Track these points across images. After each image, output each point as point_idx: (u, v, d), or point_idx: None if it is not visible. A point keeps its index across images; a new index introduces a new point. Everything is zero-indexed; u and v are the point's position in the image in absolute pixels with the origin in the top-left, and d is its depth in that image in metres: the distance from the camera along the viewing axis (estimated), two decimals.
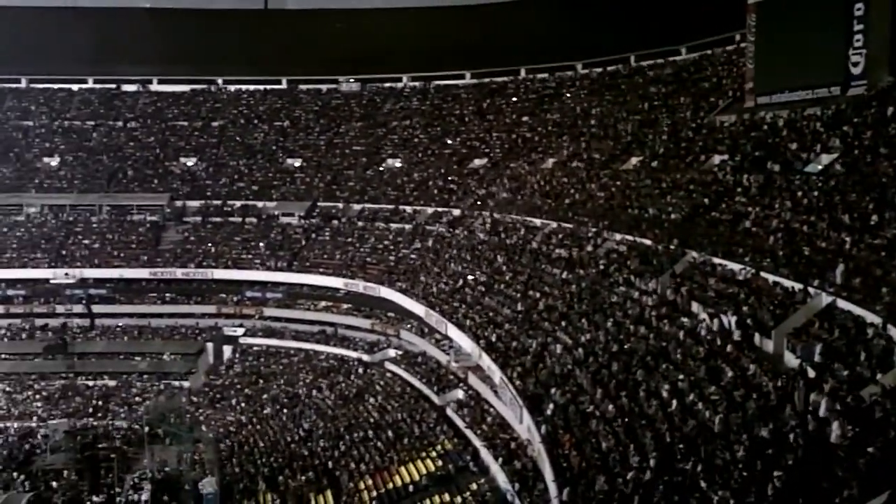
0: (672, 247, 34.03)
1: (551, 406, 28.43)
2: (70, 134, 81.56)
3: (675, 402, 23.27)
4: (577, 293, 36.13)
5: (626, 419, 24.41)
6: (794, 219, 29.23)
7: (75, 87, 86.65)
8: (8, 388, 59.20)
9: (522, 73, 76.54)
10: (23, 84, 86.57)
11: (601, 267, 37.08)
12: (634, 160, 48.69)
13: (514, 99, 74.28)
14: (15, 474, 45.58)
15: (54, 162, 78.28)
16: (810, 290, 24.36)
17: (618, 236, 39.31)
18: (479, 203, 59.73)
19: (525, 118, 69.63)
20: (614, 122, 57.11)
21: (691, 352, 25.57)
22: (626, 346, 28.65)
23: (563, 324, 34.28)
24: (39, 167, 77.87)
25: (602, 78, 68.35)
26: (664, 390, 24.30)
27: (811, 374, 20.56)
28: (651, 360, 26.59)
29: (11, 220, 71.94)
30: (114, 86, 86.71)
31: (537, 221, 48.99)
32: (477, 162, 67.53)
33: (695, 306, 28.76)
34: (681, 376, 24.37)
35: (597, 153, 53.49)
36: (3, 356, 63.17)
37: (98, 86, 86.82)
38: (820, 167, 32.33)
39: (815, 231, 27.43)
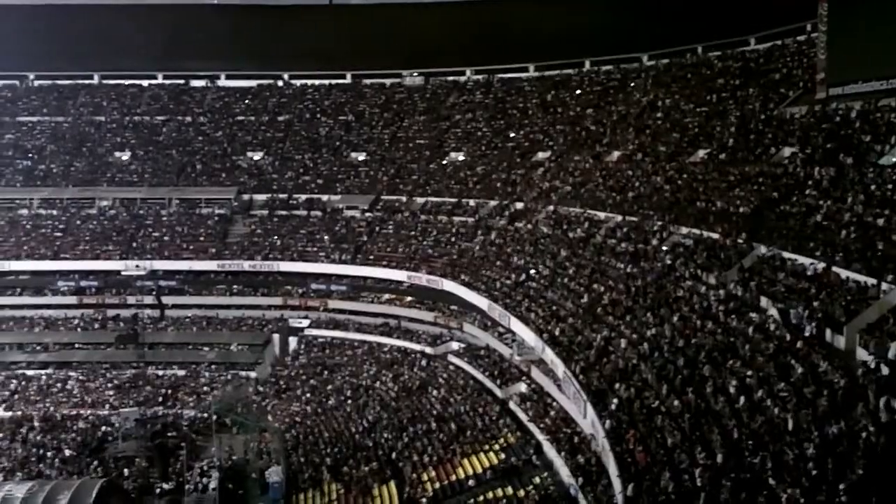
0: (740, 241, 33.50)
1: (615, 401, 28.24)
2: (141, 129, 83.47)
3: (742, 399, 22.95)
4: (642, 287, 35.78)
5: (693, 415, 24.14)
6: (867, 212, 28.56)
7: (145, 82, 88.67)
8: (81, 377, 60.75)
9: (587, 65, 75.94)
10: (95, 80, 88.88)
11: (667, 261, 36.66)
12: (701, 153, 48.04)
13: (579, 91, 73.68)
14: (88, 460, 46.91)
15: (126, 156, 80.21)
16: (884, 285, 23.77)
17: (684, 230, 38.83)
18: (542, 196, 59.47)
19: (589, 111, 69.02)
20: (681, 115, 56.35)
21: (760, 347, 25.17)
22: (692, 342, 28.30)
23: (628, 318, 33.99)
24: (111, 161, 79.86)
25: (668, 69, 67.34)
26: (732, 386, 23.96)
27: (885, 371, 20.08)
28: (718, 355, 26.24)
29: (85, 214, 73.90)
30: (182, 81, 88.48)
31: (601, 215, 48.62)
32: (540, 155, 67.21)
33: (764, 301, 28.26)
34: (749, 372, 24.00)
35: (663, 146, 52.82)
36: (76, 346, 64.84)
37: (167, 81, 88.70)
38: (894, 159, 31.49)
39: (888, 225, 26.77)
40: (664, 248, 38.42)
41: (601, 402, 29.09)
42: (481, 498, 34.24)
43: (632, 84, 69.15)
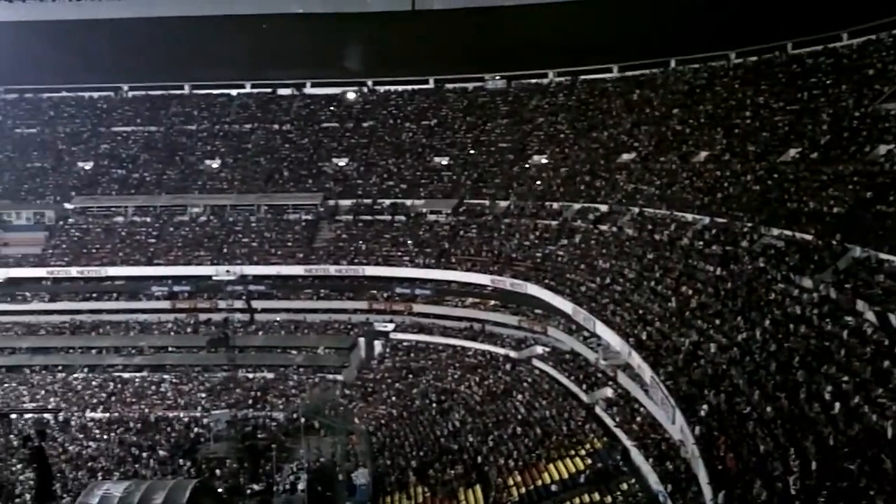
0: (834, 242, 32.47)
1: (705, 407, 27.70)
2: (230, 137, 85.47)
3: (838, 405, 22.25)
4: (731, 290, 35.02)
5: (786, 422, 23.50)
6: None
7: (234, 92, 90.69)
8: (175, 380, 62.48)
9: (672, 63, 74.62)
10: (186, 90, 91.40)
11: (758, 263, 35.78)
12: (793, 152, 46.79)
13: (664, 91, 72.53)
14: (181, 461, 48.12)
15: (215, 164, 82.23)
16: None
17: (775, 231, 37.88)
18: (627, 198, 58.72)
19: (675, 110, 67.79)
20: (770, 113, 54.97)
21: (856, 352, 24.37)
22: (785, 346, 27.56)
23: (718, 322, 33.32)
24: (202, 169, 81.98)
25: (757, 67, 65.60)
26: (827, 392, 23.27)
27: None
28: (812, 360, 25.51)
29: (177, 220, 76.01)
30: (270, 90, 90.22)
31: (689, 216, 47.78)
32: (625, 156, 66.32)
33: (860, 304, 27.35)
34: (845, 378, 23.28)
35: (752, 145, 51.63)
36: (170, 349, 66.78)
37: (255, 90, 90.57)
38: None
39: None
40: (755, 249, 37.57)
41: (690, 407, 28.59)
42: None
43: (719, 83, 67.69)
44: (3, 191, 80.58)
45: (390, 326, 65.26)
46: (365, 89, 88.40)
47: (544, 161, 73.04)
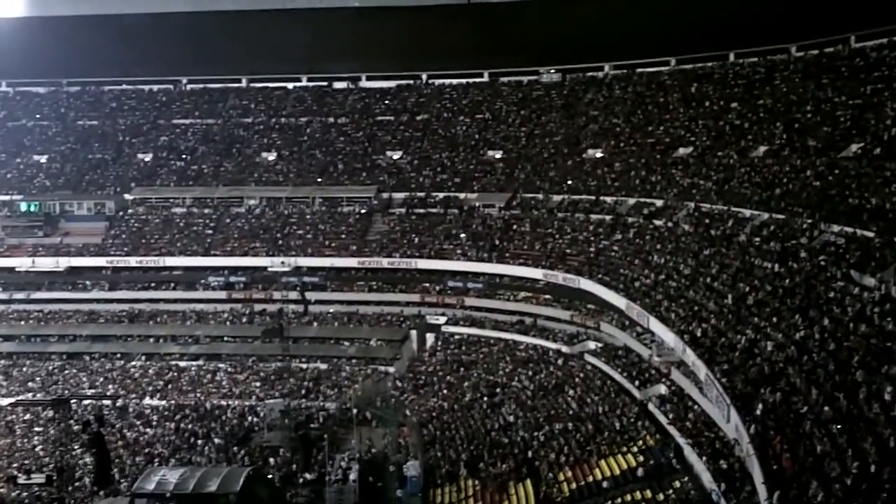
0: None
1: (761, 405, 27.27)
2: (286, 130, 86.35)
3: None
4: (789, 288, 34.37)
5: (844, 422, 23.03)
6: None
7: (290, 85, 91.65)
8: (230, 369, 63.43)
9: (731, 57, 73.42)
10: (243, 84, 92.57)
11: (817, 260, 35.09)
12: (854, 147, 45.82)
13: (722, 85, 71.41)
14: (236, 449, 48.86)
15: (272, 157, 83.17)
16: None
17: (835, 228, 37.08)
18: (683, 193, 58.01)
19: (734, 104, 66.74)
20: (832, 108, 53.86)
21: None
22: (844, 345, 26.99)
23: (775, 320, 32.73)
24: (258, 162, 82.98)
25: (819, 61, 64.29)
26: (888, 393, 22.73)
27: None
28: (872, 360, 24.93)
29: (233, 212, 77.10)
30: (325, 83, 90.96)
31: (746, 212, 47.03)
32: (681, 151, 65.55)
33: None
34: None
35: (812, 140, 50.67)
36: (225, 339, 67.77)
37: (311, 84, 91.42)
38: None
39: None
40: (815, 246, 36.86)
41: (746, 406, 28.16)
42: (619, 500, 33.68)
43: (779, 76, 66.49)
44: (65, 182, 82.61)
45: (442, 319, 65.34)
46: (418, 82, 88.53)
47: (599, 155, 72.44)
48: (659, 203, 59.32)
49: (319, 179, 79.32)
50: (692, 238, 49.35)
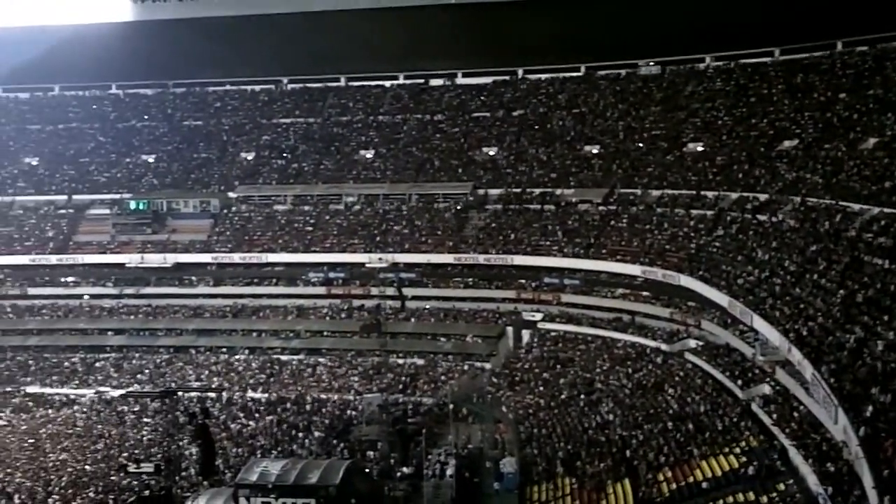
0: None
1: (871, 407, 26.24)
2: (383, 128, 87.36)
3: None
4: None
5: None
6: None
7: (387, 83, 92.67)
8: (329, 363, 64.57)
9: (839, 46, 70.77)
10: (342, 82, 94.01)
11: None
12: None
13: (829, 75, 68.90)
14: (335, 442, 49.63)
15: (369, 154, 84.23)
16: None
17: None
18: (788, 187, 56.23)
19: (842, 95, 64.41)
20: None
21: None
22: None
23: (886, 318, 31.43)
24: (356, 159, 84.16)
25: None
26: None
27: None
28: None
29: (333, 209, 78.39)
30: (422, 81, 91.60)
31: (856, 207, 45.28)
32: (786, 143, 63.57)
33: None
34: None
35: None
36: (325, 333, 68.97)
37: (408, 81, 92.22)
38: None
39: None
40: None
41: (855, 407, 27.15)
42: (720, 502, 32.92)
43: (890, 65, 63.73)
44: (172, 180, 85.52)
45: (538, 316, 65.02)
46: (514, 78, 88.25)
47: (700, 149, 70.95)
48: (763, 198, 57.65)
49: (416, 176, 79.83)
50: (798, 234, 47.81)
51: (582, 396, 51.69)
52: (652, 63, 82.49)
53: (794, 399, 37.63)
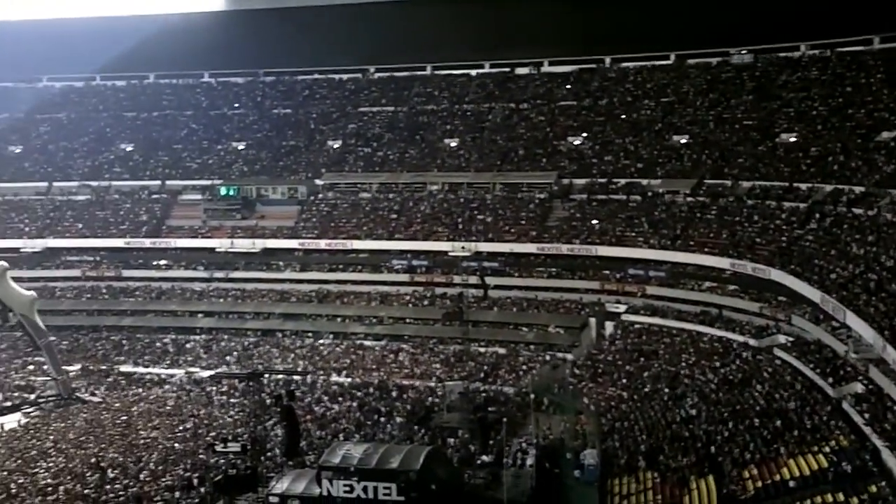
0: None
1: None
2: (468, 116, 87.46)
3: None
4: None
5: None
6: None
7: (473, 72, 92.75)
8: (412, 350, 65.05)
9: None
10: (427, 71, 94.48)
11: None
12: None
13: None
14: (416, 428, 49.99)
15: (454, 143, 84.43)
16: None
17: None
18: (886, 180, 54.28)
19: None
20: None
21: None
22: None
23: None
24: (441, 147, 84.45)
25: None
26: None
27: None
28: None
29: (417, 197, 78.93)
30: (508, 69, 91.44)
31: None
32: (885, 134, 61.40)
33: None
34: None
35: None
36: (407, 320, 69.44)
37: (493, 70, 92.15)
38: None
39: None
40: None
41: None
42: (808, 502, 32.08)
43: None
44: (261, 167, 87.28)
45: (622, 307, 64.26)
46: (601, 66, 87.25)
47: (793, 139, 69.10)
48: (858, 190, 55.84)
49: (500, 165, 79.68)
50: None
51: (666, 390, 50.93)
52: (744, 51, 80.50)
53: (889, 398, 36.45)
